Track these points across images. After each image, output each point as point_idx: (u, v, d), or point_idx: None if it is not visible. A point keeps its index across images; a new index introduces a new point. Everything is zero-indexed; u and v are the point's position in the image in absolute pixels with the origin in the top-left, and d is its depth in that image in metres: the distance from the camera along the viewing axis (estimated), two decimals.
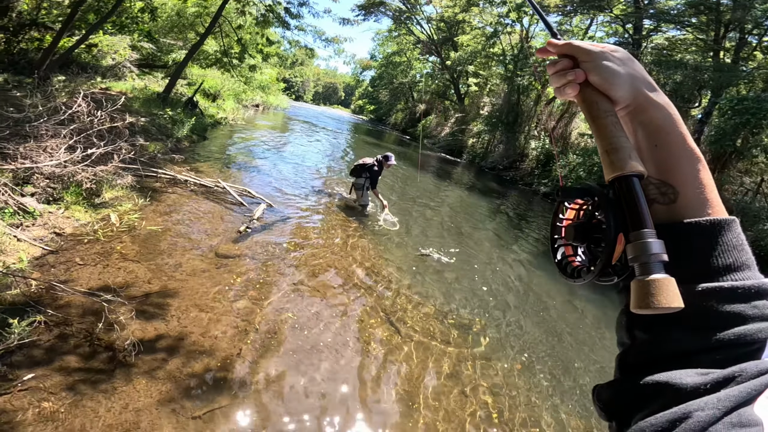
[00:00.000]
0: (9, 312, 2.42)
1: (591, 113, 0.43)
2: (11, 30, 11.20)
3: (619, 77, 0.43)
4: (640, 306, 0.34)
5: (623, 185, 0.39)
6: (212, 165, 7.27)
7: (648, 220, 0.37)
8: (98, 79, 11.27)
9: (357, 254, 4.86)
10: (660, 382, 0.33)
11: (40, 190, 3.83)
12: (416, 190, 9.95)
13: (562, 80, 0.45)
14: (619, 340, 0.41)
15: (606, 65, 0.43)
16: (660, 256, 0.35)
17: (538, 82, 20.87)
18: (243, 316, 3.11)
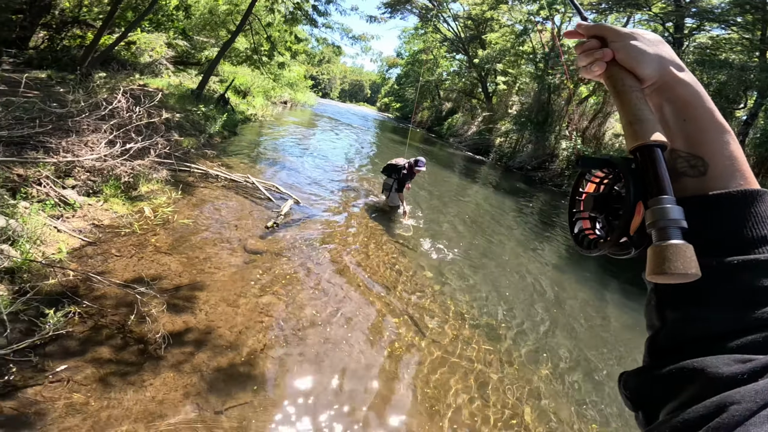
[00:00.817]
0: (46, 302, 2.52)
1: (616, 88, 0.44)
2: (54, 27, 11.77)
3: (647, 56, 0.44)
4: (656, 272, 0.33)
5: (645, 154, 0.39)
6: (242, 160, 7.42)
7: (668, 188, 0.36)
8: (137, 76, 11.70)
9: (382, 253, 4.83)
10: (694, 369, 0.31)
11: (81, 183, 3.99)
12: (442, 189, 9.83)
13: (589, 58, 0.46)
14: (649, 323, 0.39)
15: (634, 44, 0.44)
16: (679, 222, 0.34)
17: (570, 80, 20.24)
18: (268, 312, 3.14)
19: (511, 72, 24.17)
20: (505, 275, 5.25)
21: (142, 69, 12.38)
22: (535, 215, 10.30)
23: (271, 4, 11.78)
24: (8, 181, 3.30)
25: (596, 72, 0.46)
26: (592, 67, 0.46)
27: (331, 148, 12.15)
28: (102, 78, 9.58)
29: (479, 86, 28.58)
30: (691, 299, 0.34)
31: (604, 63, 0.46)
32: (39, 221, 3.19)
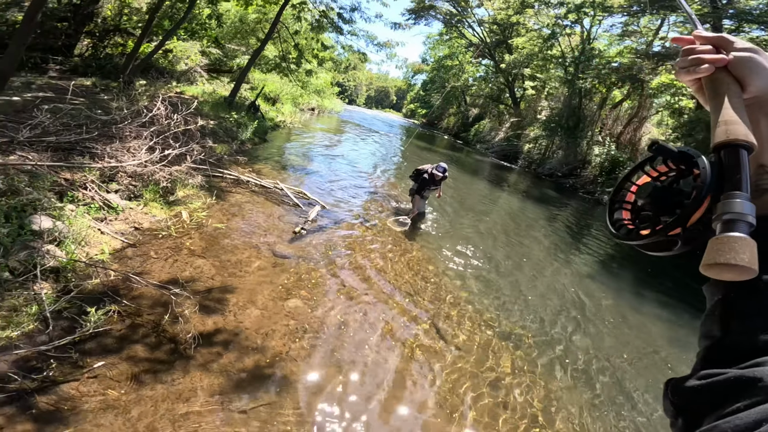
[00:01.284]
0: (88, 300, 2.66)
1: (718, 90, 0.45)
2: (97, 35, 12.45)
3: (763, 69, 0.45)
4: (716, 261, 0.32)
5: (730, 152, 0.39)
6: (272, 166, 7.60)
7: (746, 186, 0.36)
8: (173, 83, 12.24)
9: (406, 259, 4.82)
10: (753, 378, 0.31)
11: (123, 188, 4.20)
12: (469, 196, 9.73)
13: (699, 61, 0.47)
14: (707, 333, 0.39)
15: (754, 56, 0.45)
16: (747, 216, 0.34)
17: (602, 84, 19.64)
18: (294, 315, 3.19)
19: (540, 76, 23.75)
20: (533, 283, 5.12)
21: (178, 77, 12.93)
22: (566, 223, 10.01)
23: (298, 13, 12.07)
24: (56, 184, 3.52)
25: (703, 72, 0.47)
26: (699, 67, 0.47)
27: (357, 154, 12.27)
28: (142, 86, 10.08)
29: (506, 91, 28.21)
30: (757, 312, 0.34)
31: (713, 67, 0.46)
32: (84, 223, 3.38)
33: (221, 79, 14.70)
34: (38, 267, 2.67)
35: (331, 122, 22.88)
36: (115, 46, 12.48)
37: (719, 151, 0.40)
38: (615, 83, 18.71)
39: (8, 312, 2.37)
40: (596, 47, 20.08)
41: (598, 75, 18.62)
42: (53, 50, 10.83)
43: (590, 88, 19.49)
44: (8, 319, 2.33)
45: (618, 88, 19.52)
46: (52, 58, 10.57)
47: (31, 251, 2.75)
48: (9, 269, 2.61)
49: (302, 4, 12.01)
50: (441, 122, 42.09)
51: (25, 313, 2.42)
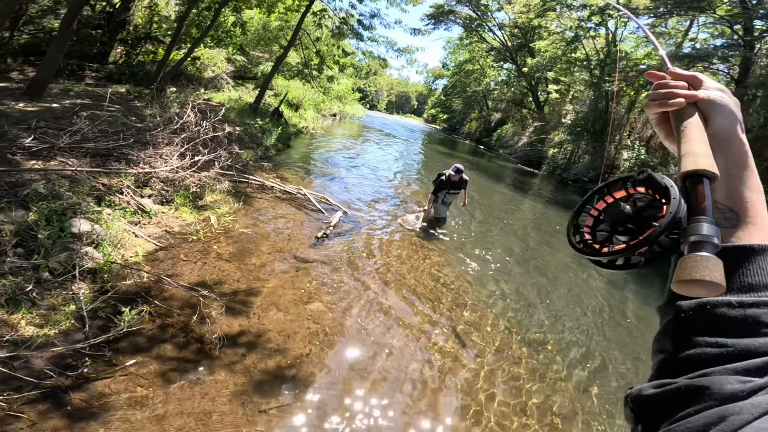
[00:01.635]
0: (122, 301, 2.78)
1: (687, 124, 0.48)
2: (130, 43, 12.98)
3: (729, 110, 0.49)
4: (690, 277, 0.35)
5: (698, 181, 0.42)
6: (295, 172, 7.75)
7: (710, 212, 0.40)
8: (201, 91, 12.66)
9: (427, 264, 4.81)
10: (701, 386, 0.34)
11: (156, 193, 4.38)
12: (491, 202, 9.62)
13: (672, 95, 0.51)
14: (660, 349, 0.43)
15: (722, 95, 0.50)
16: (714, 239, 0.37)
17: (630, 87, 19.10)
18: (315, 319, 3.24)
19: (564, 80, 23.31)
20: (556, 289, 5.02)
21: (206, 84, 13.36)
22: None
23: (319, 20, 12.29)
24: (94, 189, 3.70)
25: (674, 106, 0.51)
26: (672, 101, 0.51)
27: (378, 159, 12.35)
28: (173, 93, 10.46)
29: (529, 95, 27.81)
30: (703, 330, 0.38)
31: (684, 101, 0.50)
32: (120, 227, 3.54)
33: (246, 86, 15.12)
34: (77, 268, 2.82)
35: (353, 128, 23.11)
36: (146, 54, 12.96)
37: (687, 179, 0.43)
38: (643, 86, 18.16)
39: (47, 311, 2.51)
40: (622, 49, 19.57)
41: (625, 77, 18.13)
42: (89, 57, 11.33)
43: (618, 91, 18.97)
44: (47, 318, 2.47)
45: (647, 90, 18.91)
46: (88, 65, 11.07)
47: (71, 253, 2.90)
48: (49, 270, 2.76)
49: (323, 12, 12.24)
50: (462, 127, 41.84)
51: (63, 311, 2.55)
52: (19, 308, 2.41)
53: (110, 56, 12.26)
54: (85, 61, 11.05)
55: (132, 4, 12.17)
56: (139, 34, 12.91)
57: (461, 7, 27.32)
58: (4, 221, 2.81)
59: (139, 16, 12.81)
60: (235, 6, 11.79)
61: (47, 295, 2.62)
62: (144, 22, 13.00)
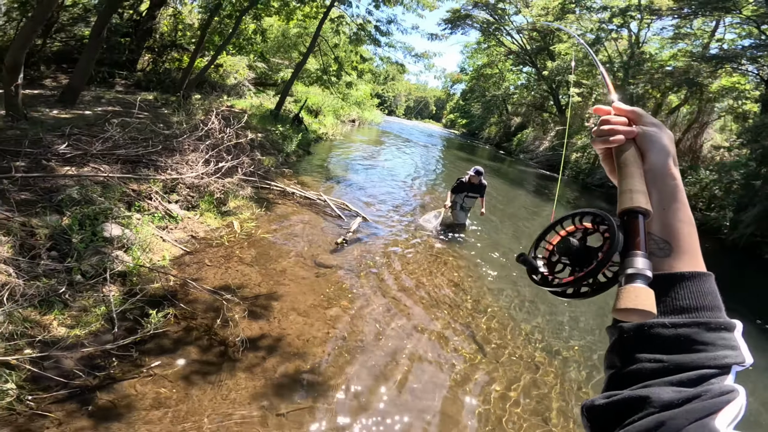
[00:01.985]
0: (150, 303, 2.86)
1: (626, 160, 0.53)
2: (156, 51, 13.41)
3: (662, 146, 0.53)
4: (624, 306, 0.41)
5: (632, 217, 0.47)
6: (315, 178, 7.84)
7: (644, 246, 0.45)
8: (224, 97, 12.98)
9: (447, 271, 4.77)
10: (641, 396, 0.39)
11: (182, 199, 4.50)
12: (512, 208, 9.49)
13: (613, 132, 0.55)
14: (610, 365, 0.47)
15: (658, 132, 0.54)
16: (646, 271, 0.42)
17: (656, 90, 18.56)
18: (333, 323, 3.25)
19: (586, 83, 22.87)
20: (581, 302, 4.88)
21: (228, 91, 13.69)
22: None
23: (336, 26, 12.43)
24: (125, 195, 3.84)
25: (615, 143, 0.55)
26: (613, 137, 0.55)
27: (398, 165, 12.36)
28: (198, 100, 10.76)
29: (550, 99, 27.37)
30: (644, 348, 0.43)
31: (623, 138, 0.54)
32: (149, 231, 3.66)
33: (267, 93, 15.41)
34: (108, 271, 2.92)
35: (371, 133, 23.25)
36: (172, 61, 13.36)
37: (624, 215, 0.48)
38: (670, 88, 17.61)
39: (78, 312, 2.61)
40: (646, 51, 19.07)
41: (650, 80, 17.64)
42: (119, 65, 11.76)
43: (642, 94, 18.48)
44: (78, 319, 2.56)
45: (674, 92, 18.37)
46: (118, 73, 11.49)
47: (102, 256, 3.01)
48: (82, 272, 2.87)
49: (340, 18, 12.39)
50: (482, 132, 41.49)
51: (94, 313, 2.64)
52: (51, 309, 2.51)
53: (138, 64, 12.69)
54: (115, 68, 11.47)
55: (157, 12, 12.59)
56: (165, 42, 13.34)
57: (478, 11, 27.16)
58: (39, 225, 2.95)
59: (165, 24, 13.22)
60: (256, 14, 12.06)
61: (79, 297, 2.72)
62: (169, 30, 13.40)
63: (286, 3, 11.48)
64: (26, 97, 7.34)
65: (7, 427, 1.84)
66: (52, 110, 6.48)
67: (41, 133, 4.37)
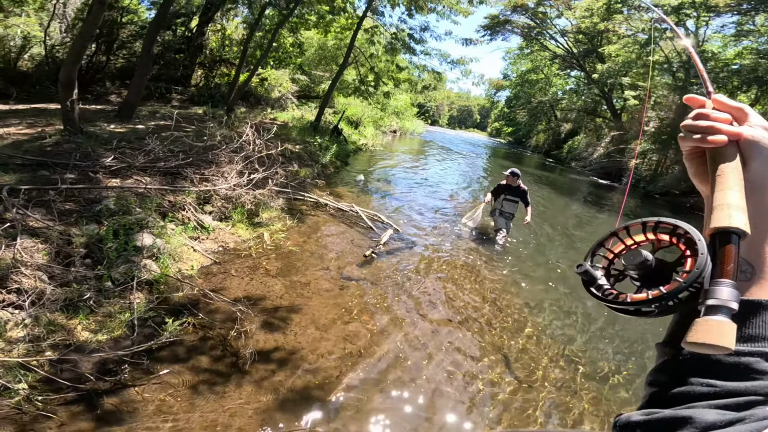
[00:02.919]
0: (172, 311, 2.90)
1: (725, 168, 0.45)
2: (207, 66, 14.24)
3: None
4: (701, 341, 0.37)
5: (728, 239, 0.41)
6: (351, 189, 7.82)
7: (735, 274, 0.39)
8: (268, 110, 13.49)
9: (481, 286, 4.49)
10: (686, 416, 0.38)
11: (216, 210, 4.62)
12: (562, 219, 8.90)
13: (714, 130, 0.47)
14: (654, 382, 0.45)
15: (766, 135, 0.46)
16: (732, 303, 0.38)
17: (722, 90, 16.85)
18: (351, 339, 3.11)
19: (642, 85, 21.35)
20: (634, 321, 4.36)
21: (272, 103, 14.23)
22: None
23: (371, 36, 12.51)
24: (160, 206, 3.99)
25: (714, 143, 0.47)
26: (713, 137, 0.47)
27: (438, 175, 12.09)
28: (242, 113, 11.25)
29: (603, 103, 25.85)
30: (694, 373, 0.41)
31: (726, 139, 0.46)
32: (180, 241, 3.76)
33: (309, 105, 15.84)
34: (135, 279, 3.00)
35: (413, 144, 23.18)
36: (221, 76, 14.14)
37: (717, 235, 0.42)
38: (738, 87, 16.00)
39: (103, 317, 2.68)
40: (708, 49, 17.46)
41: (715, 79, 16.09)
42: (174, 81, 12.61)
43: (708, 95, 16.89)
44: (102, 324, 2.63)
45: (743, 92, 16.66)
46: (174, 88, 12.31)
47: (131, 265, 3.10)
48: (111, 280, 2.97)
49: (374, 29, 12.47)
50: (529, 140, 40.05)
51: (119, 319, 2.71)
52: (77, 314, 2.59)
53: (192, 79, 13.57)
54: (171, 84, 12.31)
55: (206, 29, 13.40)
56: (214, 57, 14.17)
57: (518, 16, 26.41)
58: (76, 234, 3.10)
59: (213, 39, 14.03)
60: (292, 27, 12.44)
61: (106, 303, 2.80)
62: (217, 45, 14.21)
63: (322, 16, 11.76)
64: (89, 112, 8.07)
65: (12, 425, 1.88)
66: (109, 125, 7.01)
67: (88, 147, 4.69)
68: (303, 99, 16.02)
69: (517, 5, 24.91)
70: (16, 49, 10.20)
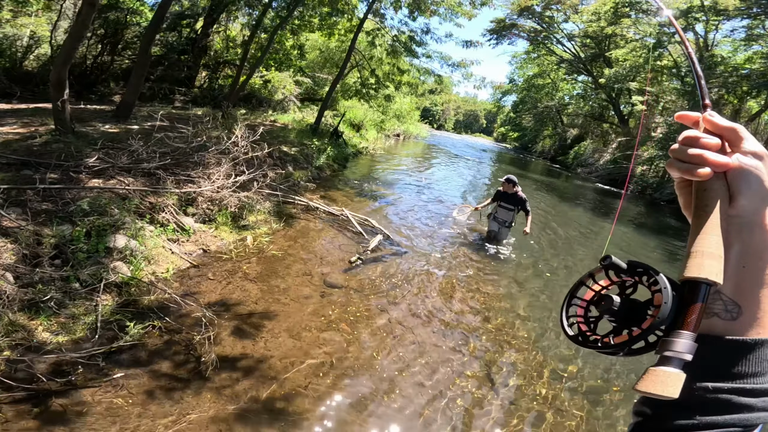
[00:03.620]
0: (137, 315, 2.85)
1: (706, 205, 0.43)
2: (211, 67, 14.27)
3: (761, 188, 0.43)
4: (647, 390, 0.39)
5: (694, 290, 0.41)
6: (345, 193, 7.72)
7: (694, 327, 0.40)
8: (269, 112, 13.47)
9: (470, 296, 4.36)
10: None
11: (201, 212, 4.55)
12: (568, 227, 8.69)
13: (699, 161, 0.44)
14: (638, 412, 0.46)
15: (757, 170, 0.43)
16: (686, 355, 0.39)
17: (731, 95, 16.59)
18: (326, 349, 3.01)
19: (650, 90, 21.06)
20: None
21: (275, 106, 14.21)
22: None
23: (372, 39, 12.43)
24: (140, 207, 3.93)
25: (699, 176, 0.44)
26: (697, 170, 0.43)
27: (440, 181, 11.93)
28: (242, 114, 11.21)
29: (610, 108, 25.57)
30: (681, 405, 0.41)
31: (711, 173, 0.43)
32: (158, 243, 3.69)
33: (311, 107, 15.81)
34: (102, 281, 2.93)
35: (416, 148, 23.08)
36: (225, 78, 14.15)
37: (686, 284, 0.42)
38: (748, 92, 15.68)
39: (66, 319, 2.61)
40: (717, 54, 17.17)
41: (725, 83, 15.80)
42: (178, 82, 12.63)
43: (718, 99, 16.58)
44: (64, 325, 2.56)
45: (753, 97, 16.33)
46: (178, 89, 12.33)
47: (100, 267, 3.04)
48: (79, 281, 2.90)
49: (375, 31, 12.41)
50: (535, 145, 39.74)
51: (83, 321, 2.64)
52: (39, 315, 2.53)
53: (196, 80, 13.61)
54: (175, 85, 12.33)
55: (210, 30, 13.42)
56: (218, 59, 14.20)
57: (524, 20, 26.23)
58: (48, 234, 3.04)
59: (218, 41, 14.06)
60: (293, 29, 12.41)
61: (71, 305, 2.73)
62: (222, 47, 14.23)
63: (324, 18, 11.71)
64: (88, 112, 8.09)
65: None
66: (105, 125, 7.00)
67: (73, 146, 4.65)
68: (306, 102, 16.00)
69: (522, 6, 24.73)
70: (23, 49, 10.32)
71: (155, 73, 12.44)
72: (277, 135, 9.81)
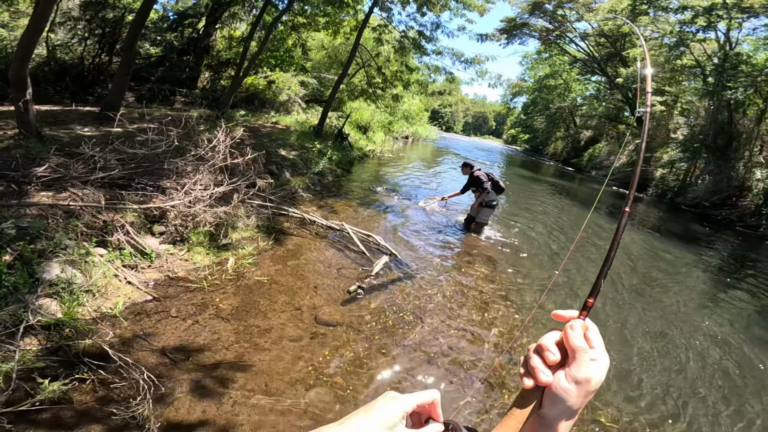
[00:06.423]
0: (67, 364, 2.19)
1: (527, 399, 0.54)
2: (214, 68, 13.68)
3: (565, 408, 0.52)
4: None
5: None
6: (348, 203, 6.97)
7: None
8: (272, 113, 12.82)
9: (491, 332, 3.60)
10: None
11: (173, 229, 3.85)
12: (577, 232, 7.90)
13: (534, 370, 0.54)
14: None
15: (567, 396, 0.51)
16: None
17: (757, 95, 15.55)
18: (312, 413, 2.30)
19: (670, 90, 20.09)
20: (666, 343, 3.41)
21: (278, 107, 13.57)
22: (718, 267, 7.64)
23: (379, 35, 11.73)
24: (90, 227, 3.24)
25: (524, 385, 0.54)
26: (525, 379, 0.54)
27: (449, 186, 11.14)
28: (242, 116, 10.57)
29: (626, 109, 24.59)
30: None
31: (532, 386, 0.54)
32: (108, 272, 3.01)
33: (317, 109, 15.16)
34: (23, 323, 2.25)
35: (425, 151, 22.36)
36: (228, 79, 13.56)
37: None
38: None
39: None
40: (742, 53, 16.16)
41: (753, 83, 14.82)
42: (180, 83, 12.07)
43: (743, 99, 15.60)
44: None
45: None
46: (179, 91, 11.75)
47: (20, 305, 2.36)
48: None
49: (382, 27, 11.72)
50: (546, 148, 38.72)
51: None
52: None
53: (198, 81, 13.02)
54: (176, 86, 11.76)
55: (213, 30, 12.86)
56: (221, 59, 13.63)
57: (536, 19, 25.33)
58: None
59: (220, 41, 13.48)
60: (294, 25, 11.77)
61: None
62: (224, 47, 13.66)
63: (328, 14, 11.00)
64: (75, 113, 7.52)
65: None
66: (84, 128, 6.39)
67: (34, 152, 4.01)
68: (313, 103, 15.33)
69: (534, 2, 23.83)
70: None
71: (155, 74, 11.90)
72: (277, 138, 9.14)
